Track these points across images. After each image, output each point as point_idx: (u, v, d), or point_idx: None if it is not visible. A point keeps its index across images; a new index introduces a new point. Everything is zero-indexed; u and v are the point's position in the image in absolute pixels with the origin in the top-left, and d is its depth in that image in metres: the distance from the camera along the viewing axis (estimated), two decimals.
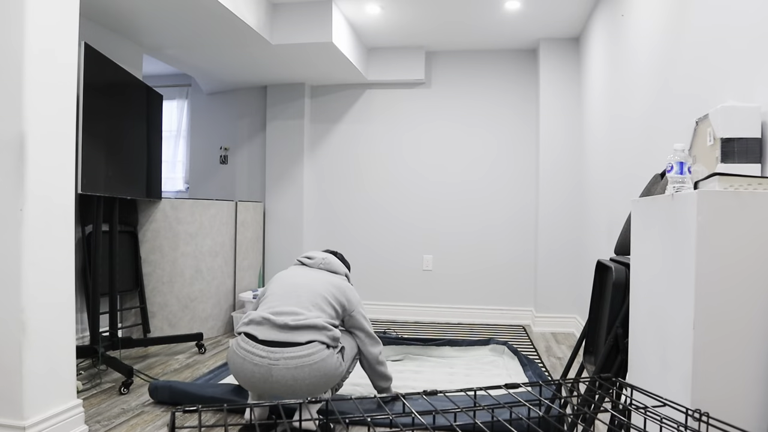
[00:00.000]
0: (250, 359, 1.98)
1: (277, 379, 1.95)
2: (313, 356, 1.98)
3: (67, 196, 1.96)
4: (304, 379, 1.96)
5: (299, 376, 1.95)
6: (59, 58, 1.91)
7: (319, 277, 2.28)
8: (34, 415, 1.79)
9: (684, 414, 0.89)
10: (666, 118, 2.21)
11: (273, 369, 1.94)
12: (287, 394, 1.98)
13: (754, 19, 1.51)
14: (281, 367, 1.94)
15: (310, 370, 1.96)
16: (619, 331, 1.63)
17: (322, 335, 2.03)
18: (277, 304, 2.14)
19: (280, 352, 1.96)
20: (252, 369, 1.97)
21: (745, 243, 1.10)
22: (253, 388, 2.01)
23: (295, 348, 1.97)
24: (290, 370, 1.94)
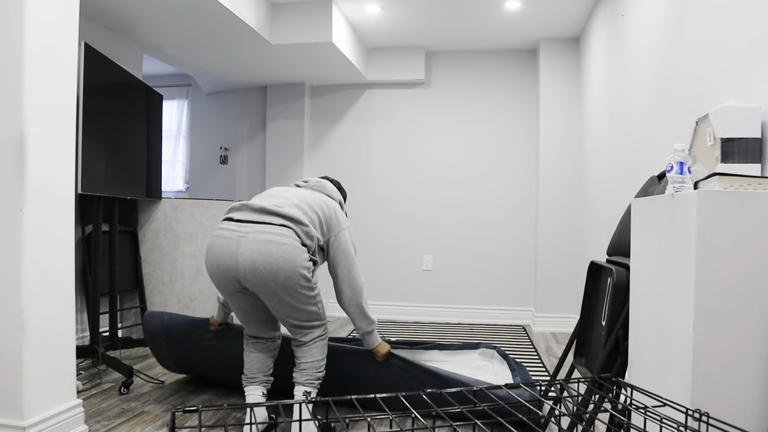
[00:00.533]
0: (222, 235, 1.96)
1: (242, 252, 1.90)
2: (283, 237, 1.92)
3: (67, 196, 1.96)
4: (270, 255, 1.89)
5: (265, 251, 1.89)
6: (59, 58, 1.91)
7: (310, 193, 2.18)
8: (34, 415, 1.79)
9: (684, 414, 0.89)
10: (666, 118, 2.21)
11: (241, 241, 1.92)
12: (249, 270, 1.91)
13: (754, 18, 1.51)
14: (249, 239, 1.91)
15: (278, 248, 1.90)
16: (620, 333, 1.63)
17: (297, 227, 1.98)
18: (259, 199, 2.11)
19: (252, 227, 1.94)
20: (221, 244, 1.94)
21: (745, 243, 1.10)
22: (218, 267, 1.95)
23: (266, 226, 1.95)
24: (257, 243, 1.90)
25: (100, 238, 2.83)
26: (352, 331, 4.12)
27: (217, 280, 2.00)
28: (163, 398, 2.52)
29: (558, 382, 0.91)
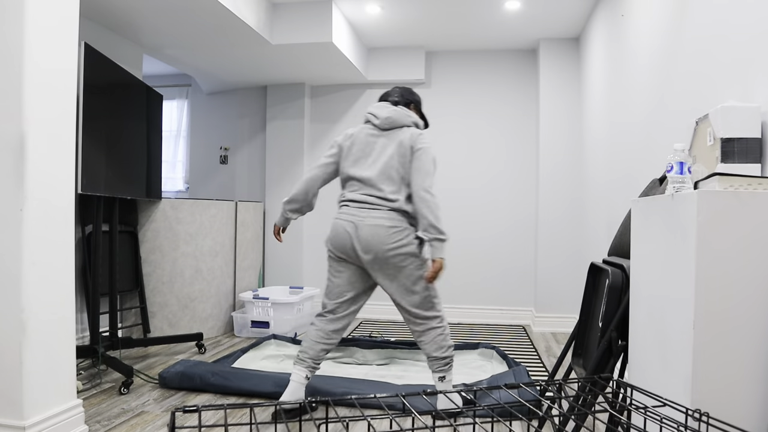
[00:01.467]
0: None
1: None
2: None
3: (67, 196, 1.96)
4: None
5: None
6: (59, 58, 1.91)
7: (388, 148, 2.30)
8: (34, 415, 1.79)
9: (684, 414, 0.89)
10: (666, 118, 2.21)
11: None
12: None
13: (754, 19, 1.51)
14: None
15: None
16: (613, 334, 1.63)
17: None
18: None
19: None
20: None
21: (745, 243, 1.10)
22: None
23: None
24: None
25: (100, 238, 2.83)
26: (351, 332, 4.12)
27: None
28: (163, 398, 2.52)
29: (557, 381, 0.91)
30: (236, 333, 3.91)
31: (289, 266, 4.75)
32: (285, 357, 3.29)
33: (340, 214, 2.31)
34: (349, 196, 2.32)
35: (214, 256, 3.89)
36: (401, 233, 2.24)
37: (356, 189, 2.31)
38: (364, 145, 2.33)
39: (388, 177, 2.26)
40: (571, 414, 0.83)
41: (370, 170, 2.29)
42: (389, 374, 2.96)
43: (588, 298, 1.99)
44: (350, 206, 2.29)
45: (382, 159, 2.28)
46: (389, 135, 2.32)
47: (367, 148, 2.33)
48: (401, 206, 2.25)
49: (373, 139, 2.34)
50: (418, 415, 0.82)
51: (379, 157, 2.30)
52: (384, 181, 2.26)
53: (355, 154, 2.34)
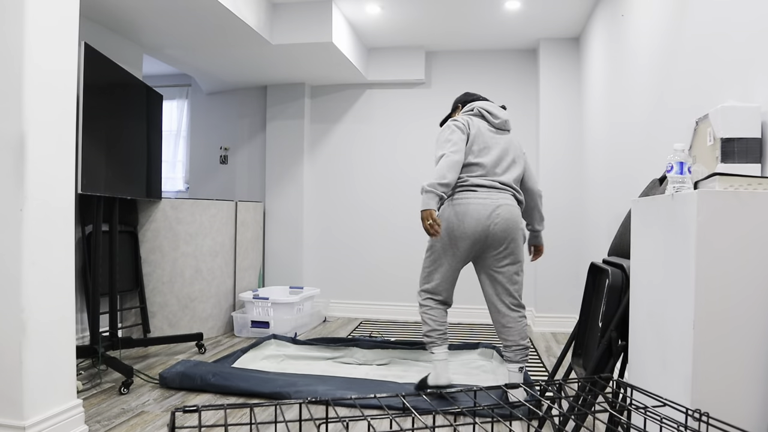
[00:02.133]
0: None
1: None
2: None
3: (67, 196, 1.96)
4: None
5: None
6: (59, 58, 1.91)
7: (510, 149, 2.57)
8: (34, 415, 1.79)
9: (684, 414, 0.89)
10: (666, 118, 2.21)
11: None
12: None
13: (754, 19, 1.51)
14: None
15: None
16: (613, 334, 1.63)
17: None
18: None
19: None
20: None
21: (745, 243, 1.10)
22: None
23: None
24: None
25: (100, 238, 2.83)
26: (351, 332, 4.13)
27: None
28: (163, 398, 2.52)
29: (557, 381, 0.91)
30: (236, 333, 3.91)
31: (289, 266, 4.75)
32: (285, 357, 3.29)
33: (468, 198, 2.43)
34: (475, 180, 2.44)
35: (214, 256, 3.89)
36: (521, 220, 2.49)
37: (481, 174, 2.46)
38: (488, 138, 2.51)
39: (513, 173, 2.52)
40: (571, 414, 0.83)
41: (493, 161, 2.48)
42: (390, 374, 2.96)
43: (588, 298, 1.99)
44: (479, 190, 2.43)
45: (507, 155, 2.53)
46: (505, 135, 2.57)
47: (491, 141, 2.51)
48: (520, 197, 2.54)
49: (491, 134, 2.53)
50: (418, 415, 0.83)
51: (503, 153, 2.52)
52: (507, 173, 2.51)
53: (479, 145, 2.49)
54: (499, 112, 2.57)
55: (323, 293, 4.82)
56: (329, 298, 4.81)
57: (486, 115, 2.55)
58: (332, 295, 4.80)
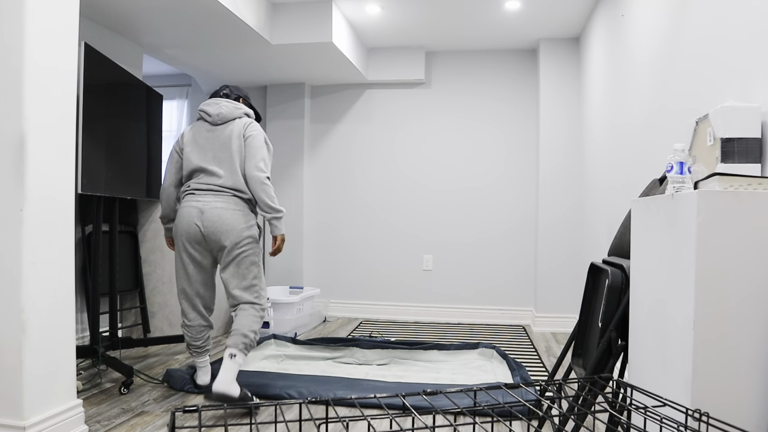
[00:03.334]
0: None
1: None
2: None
3: (67, 196, 1.96)
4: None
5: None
6: (59, 58, 1.91)
7: (222, 143, 2.48)
8: (34, 415, 1.79)
9: (684, 414, 0.89)
10: (666, 118, 2.21)
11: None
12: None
13: (754, 19, 1.51)
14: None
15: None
16: (613, 334, 1.63)
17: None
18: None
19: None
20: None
21: (745, 243, 1.10)
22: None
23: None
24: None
25: (100, 238, 2.83)
26: (351, 332, 4.12)
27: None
28: (163, 398, 2.52)
29: (557, 381, 0.91)
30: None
31: (289, 266, 4.75)
32: (285, 357, 3.29)
33: (184, 202, 2.48)
34: (193, 185, 2.47)
35: None
36: (244, 217, 2.45)
37: (199, 179, 2.47)
38: (202, 140, 2.49)
39: (229, 167, 2.45)
40: (571, 414, 0.83)
41: (210, 161, 2.46)
42: (389, 374, 2.96)
43: (588, 298, 1.99)
44: (195, 194, 2.45)
45: (220, 150, 2.47)
46: (221, 129, 2.50)
47: (205, 142, 2.48)
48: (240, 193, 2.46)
49: (207, 135, 2.50)
50: (417, 415, 0.83)
51: (218, 149, 2.47)
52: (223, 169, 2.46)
53: (189, 150, 2.50)
54: (217, 107, 2.49)
55: (323, 293, 4.82)
56: (329, 298, 4.81)
57: (203, 116, 2.52)
58: (332, 295, 4.80)
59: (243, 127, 2.47)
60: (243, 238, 2.41)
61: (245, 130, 2.46)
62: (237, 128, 2.46)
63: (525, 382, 2.44)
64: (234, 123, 2.48)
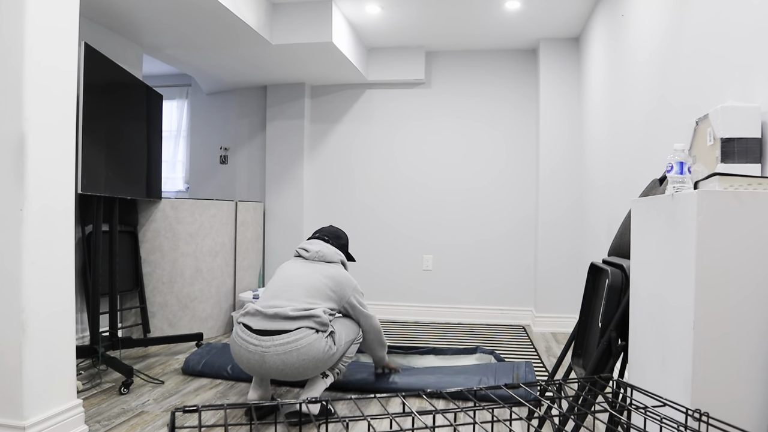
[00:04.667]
0: (246, 347, 2.20)
1: (269, 364, 2.16)
2: (300, 341, 2.16)
3: (67, 196, 1.96)
4: (294, 363, 2.16)
5: (288, 360, 2.15)
6: (59, 58, 1.91)
7: (315, 270, 2.44)
8: (34, 415, 1.79)
9: (684, 414, 0.89)
10: (666, 118, 2.21)
11: (265, 356, 2.16)
12: (280, 375, 2.20)
13: (754, 18, 1.51)
14: (272, 353, 2.15)
15: (298, 355, 2.16)
16: (612, 334, 1.63)
17: (309, 321, 2.21)
18: (271, 297, 2.33)
19: (270, 340, 2.17)
20: (248, 356, 2.19)
21: (745, 243, 1.10)
22: (250, 371, 2.23)
23: (283, 335, 2.16)
24: (280, 356, 2.15)
25: (100, 238, 2.83)
26: None
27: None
28: (163, 398, 2.52)
29: (557, 381, 0.91)
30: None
31: None
32: None
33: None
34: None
35: (214, 256, 3.89)
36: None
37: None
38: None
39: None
40: (571, 414, 0.83)
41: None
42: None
43: (588, 298, 1.99)
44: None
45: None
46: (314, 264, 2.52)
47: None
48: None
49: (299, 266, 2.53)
50: (417, 415, 0.83)
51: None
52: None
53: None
54: (310, 245, 2.55)
55: None
56: None
57: (300, 252, 2.57)
58: None
59: (334, 273, 2.50)
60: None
61: (337, 277, 2.49)
62: (328, 269, 2.49)
63: (525, 381, 2.44)
64: (327, 265, 2.53)
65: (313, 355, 2.17)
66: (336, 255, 2.56)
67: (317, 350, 2.18)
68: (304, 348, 2.16)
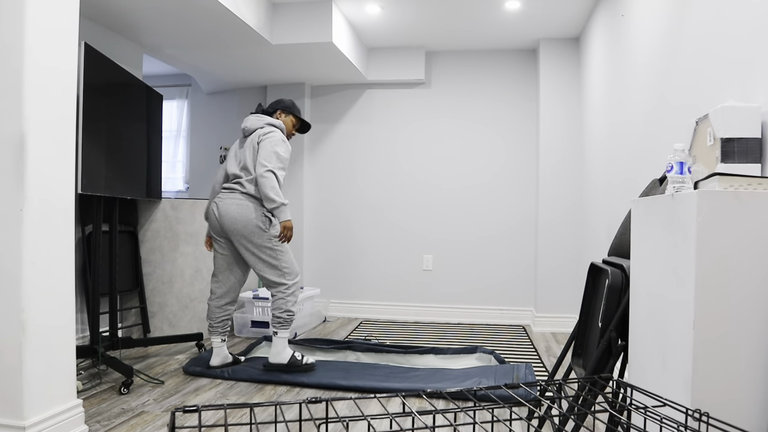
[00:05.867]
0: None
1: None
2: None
3: (67, 196, 1.96)
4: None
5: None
6: (59, 58, 1.91)
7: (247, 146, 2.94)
8: (34, 415, 1.79)
9: (684, 414, 0.89)
10: (666, 118, 2.21)
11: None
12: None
13: (755, 17, 1.51)
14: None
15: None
16: (612, 334, 1.63)
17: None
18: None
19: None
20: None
21: (745, 243, 1.10)
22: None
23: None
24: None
25: (100, 238, 2.83)
26: (346, 336, 4.12)
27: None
28: (163, 398, 2.52)
29: (557, 381, 0.91)
30: (236, 333, 3.91)
31: None
32: None
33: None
34: (219, 188, 3.00)
35: None
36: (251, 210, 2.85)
37: (227, 183, 2.95)
38: (235, 149, 3.00)
39: (245, 169, 2.90)
40: (571, 414, 0.83)
41: (236, 167, 2.93)
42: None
43: (588, 298, 1.99)
44: (219, 194, 2.92)
45: (243, 157, 2.93)
46: (248, 139, 2.96)
47: (237, 151, 2.98)
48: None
49: (239, 144, 3.00)
50: (417, 415, 0.82)
51: (242, 156, 2.94)
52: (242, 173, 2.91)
53: (232, 158, 2.99)
54: (246, 122, 2.97)
55: (323, 293, 4.82)
56: (329, 298, 4.81)
57: (242, 130, 3.00)
58: (332, 295, 4.80)
59: (258, 135, 2.90)
60: (252, 228, 2.81)
61: (260, 137, 2.88)
62: (255, 137, 2.91)
63: (525, 381, 2.44)
64: (255, 133, 2.92)
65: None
66: (258, 121, 2.97)
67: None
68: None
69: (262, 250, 2.84)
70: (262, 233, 2.83)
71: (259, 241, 2.82)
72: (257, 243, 2.83)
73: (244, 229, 2.81)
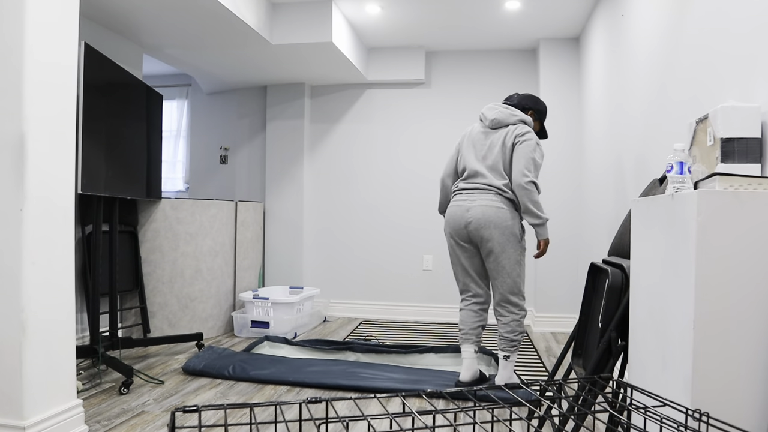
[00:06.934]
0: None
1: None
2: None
3: (67, 196, 1.96)
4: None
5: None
6: (59, 58, 1.91)
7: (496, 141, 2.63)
8: (34, 415, 1.79)
9: (684, 414, 0.89)
10: (666, 118, 2.21)
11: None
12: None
13: (754, 16, 1.51)
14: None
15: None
16: (612, 334, 1.63)
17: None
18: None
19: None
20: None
21: (745, 243, 1.10)
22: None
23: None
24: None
25: (100, 238, 2.83)
26: (346, 336, 4.12)
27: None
28: (163, 398, 2.52)
29: (557, 381, 0.91)
30: (236, 333, 3.91)
31: (289, 266, 4.75)
32: None
33: (452, 201, 2.67)
34: (461, 185, 2.66)
35: (214, 256, 3.89)
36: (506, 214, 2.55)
37: (462, 179, 2.67)
38: (476, 140, 2.67)
39: (494, 169, 2.59)
40: (571, 414, 0.83)
41: (478, 162, 2.63)
42: None
43: (588, 298, 1.99)
44: (462, 193, 2.63)
45: (488, 152, 2.62)
46: (494, 133, 2.64)
47: (478, 143, 2.66)
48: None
49: (480, 136, 2.67)
50: (417, 415, 0.82)
51: (487, 151, 2.63)
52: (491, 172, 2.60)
53: (463, 150, 2.71)
54: (489, 112, 2.66)
55: (323, 293, 4.82)
56: (329, 298, 4.81)
57: (481, 118, 2.71)
58: (332, 295, 4.80)
59: (513, 134, 2.58)
60: (508, 235, 2.53)
61: (516, 137, 2.57)
62: (508, 135, 2.59)
63: (523, 381, 2.44)
64: (507, 129, 2.61)
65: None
66: (510, 117, 2.64)
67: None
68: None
69: (509, 259, 2.54)
70: (516, 243, 2.55)
71: (511, 251, 2.53)
72: (509, 253, 2.53)
73: (500, 236, 2.50)
